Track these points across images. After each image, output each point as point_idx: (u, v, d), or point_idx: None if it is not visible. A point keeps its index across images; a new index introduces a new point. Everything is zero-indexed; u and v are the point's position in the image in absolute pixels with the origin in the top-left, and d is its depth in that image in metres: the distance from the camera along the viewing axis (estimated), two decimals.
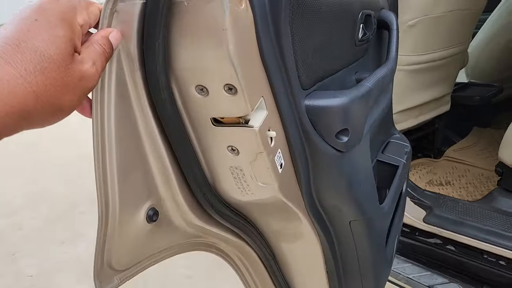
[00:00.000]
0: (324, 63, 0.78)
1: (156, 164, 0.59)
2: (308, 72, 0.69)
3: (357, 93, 0.74)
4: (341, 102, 0.68)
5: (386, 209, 1.02)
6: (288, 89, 0.62)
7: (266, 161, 0.60)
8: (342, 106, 0.68)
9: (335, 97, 0.69)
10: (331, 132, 0.69)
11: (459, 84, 2.42)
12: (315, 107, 0.67)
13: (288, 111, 0.63)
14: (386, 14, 1.21)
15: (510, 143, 1.49)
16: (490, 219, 1.48)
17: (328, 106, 0.67)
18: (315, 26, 0.69)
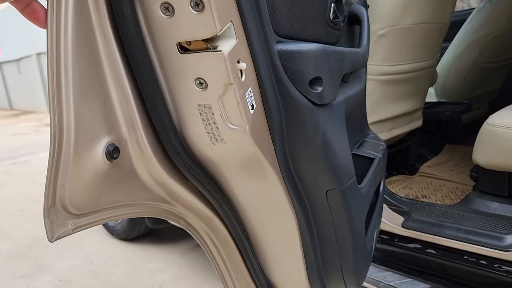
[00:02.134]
0: (298, 21, 0.76)
1: (117, 96, 0.54)
2: (282, 21, 0.67)
3: (331, 47, 0.73)
4: (314, 47, 0.66)
5: (364, 190, 0.99)
6: (259, 24, 0.60)
7: (236, 96, 0.57)
8: (314, 52, 0.66)
9: (308, 43, 0.67)
10: (304, 80, 0.67)
11: (430, 102, 2.47)
12: (287, 51, 0.65)
13: (259, 49, 0.61)
14: (356, 8, 1.23)
15: (483, 144, 1.50)
16: (468, 220, 1.46)
17: (300, 51, 0.65)
18: None
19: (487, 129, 1.47)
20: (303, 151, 0.74)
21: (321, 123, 0.72)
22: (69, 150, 0.50)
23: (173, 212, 0.73)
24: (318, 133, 0.73)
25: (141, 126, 0.57)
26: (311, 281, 0.94)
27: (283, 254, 0.89)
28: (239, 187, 0.75)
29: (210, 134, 0.61)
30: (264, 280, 0.92)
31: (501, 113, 1.50)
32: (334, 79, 0.76)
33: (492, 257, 1.34)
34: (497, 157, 1.45)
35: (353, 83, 1.08)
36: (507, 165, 1.42)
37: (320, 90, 0.68)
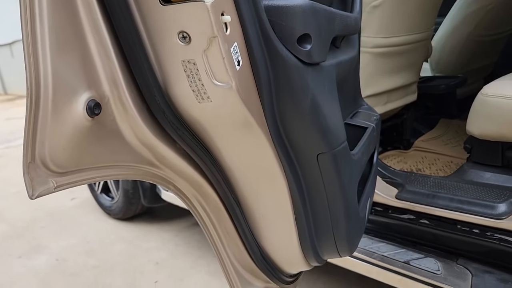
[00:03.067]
0: None
1: (97, 50, 0.53)
2: None
3: (321, 5, 0.71)
4: (302, 3, 0.64)
5: (356, 157, 0.98)
6: None
7: (220, 50, 0.55)
8: (302, 7, 0.64)
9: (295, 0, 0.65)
10: (292, 37, 0.65)
11: (425, 77, 2.45)
12: (274, 6, 0.63)
13: (245, 2, 0.59)
14: None
15: (477, 114, 1.49)
16: (462, 190, 1.46)
17: (288, 6, 0.63)
18: None
19: (481, 99, 1.46)
20: (292, 112, 0.72)
21: (310, 83, 0.71)
22: (47, 105, 0.48)
23: (161, 176, 0.72)
24: (308, 94, 0.71)
25: (124, 84, 0.55)
26: (303, 248, 0.94)
27: (274, 220, 0.88)
28: (227, 150, 0.74)
29: (196, 92, 0.60)
30: (256, 246, 0.92)
31: (495, 83, 1.49)
32: (324, 38, 0.74)
33: (484, 226, 1.34)
34: (491, 127, 1.44)
35: (345, 49, 1.06)
36: (501, 134, 1.42)
37: (308, 48, 0.67)
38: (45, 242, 2.72)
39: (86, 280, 2.26)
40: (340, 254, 0.99)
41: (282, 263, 0.97)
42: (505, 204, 1.33)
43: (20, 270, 2.42)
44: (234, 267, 0.93)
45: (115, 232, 2.77)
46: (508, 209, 1.31)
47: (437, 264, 1.39)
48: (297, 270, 1.03)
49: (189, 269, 2.28)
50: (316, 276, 2.10)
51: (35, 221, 3.06)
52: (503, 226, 1.30)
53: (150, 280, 2.24)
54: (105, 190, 2.95)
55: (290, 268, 1.00)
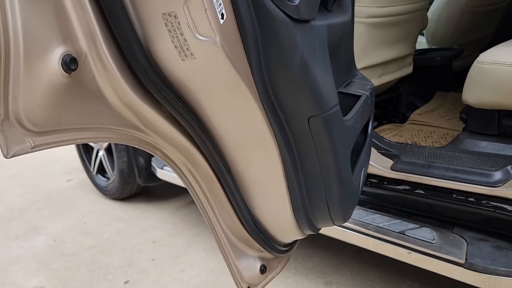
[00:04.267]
0: None
1: (72, 1, 0.50)
2: None
3: None
4: None
5: (350, 123, 0.96)
6: None
7: (202, 0, 0.52)
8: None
9: None
10: None
11: (421, 49, 2.42)
12: None
13: None
14: None
15: (473, 82, 1.47)
16: (457, 159, 1.45)
17: None
18: None
19: (477, 67, 1.44)
20: (281, 72, 0.70)
21: (299, 41, 0.68)
22: (18, 59, 0.46)
23: (147, 141, 0.70)
24: (297, 52, 0.69)
25: (102, 38, 0.53)
26: (296, 215, 0.93)
27: (266, 188, 0.87)
28: (215, 114, 0.72)
29: (179, 48, 0.57)
30: (249, 215, 0.91)
31: (491, 50, 1.47)
32: None
33: (480, 194, 1.33)
34: (487, 94, 1.42)
35: (337, 13, 1.03)
36: (497, 102, 1.40)
37: (297, 2, 0.64)
38: (42, 223, 2.72)
39: (83, 260, 2.26)
40: (334, 222, 0.98)
41: (275, 232, 0.96)
42: (500, 172, 1.32)
43: (18, 251, 2.42)
44: (227, 237, 0.92)
45: (112, 212, 2.76)
46: (504, 177, 1.30)
47: (432, 233, 1.39)
48: (290, 238, 1.02)
49: (186, 247, 2.29)
50: (312, 251, 2.10)
51: (32, 203, 3.05)
52: (498, 194, 1.30)
53: (148, 258, 2.25)
54: (101, 170, 2.94)
55: (283, 236, 0.98)
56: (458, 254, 1.28)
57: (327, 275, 1.94)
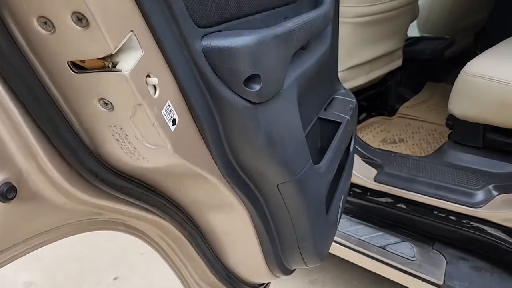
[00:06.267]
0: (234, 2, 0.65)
1: (2, 123, 0.45)
2: (207, 6, 0.56)
3: (270, 32, 0.62)
4: (247, 41, 0.56)
5: (324, 169, 0.93)
6: (172, 24, 0.50)
7: (149, 116, 0.48)
8: (248, 47, 0.56)
9: (240, 35, 0.57)
10: (238, 79, 0.58)
11: (411, 38, 2.35)
12: (215, 48, 0.55)
13: (176, 52, 0.51)
14: None
15: (459, 94, 1.43)
16: (440, 173, 1.43)
17: (230, 47, 0.55)
18: None
19: (463, 78, 1.39)
20: (246, 150, 0.67)
21: (263, 121, 0.64)
22: None
23: (109, 221, 0.68)
24: (261, 132, 0.65)
25: (42, 152, 0.49)
26: (269, 264, 0.92)
27: (238, 244, 0.86)
28: (180, 194, 0.69)
29: (129, 154, 0.54)
30: (221, 267, 0.90)
31: (478, 60, 1.42)
32: (278, 70, 0.67)
33: (461, 213, 1.33)
34: (472, 108, 1.39)
35: (314, 46, 0.97)
36: (482, 117, 1.37)
37: (258, 88, 0.60)
38: None
39: (73, 255, 2.28)
40: (307, 265, 0.97)
41: (248, 277, 0.96)
42: (482, 192, 1.31)
43: None
44: (199, 286, 0.91)
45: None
46: (485, 198, 1.29)
47: (413, 249, 1.40)
48: (264, 281, 1.02)
49: None
50: None
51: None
52: (479, 215, 1.29)
53: (137, 253, 2.27)
54: None
55: (257, 280, 0.98)
56: (437, 274, 1.29)
57: (313, 273, 1.97)
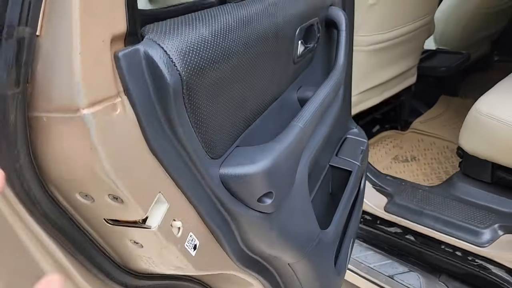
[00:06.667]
0: (242, 117, 0.70)
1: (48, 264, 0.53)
2: (221, 137, 0.62)
3: (282, 146, 0.68)
4: (261, 167, 0.62)
5: (332, 233, 0.99)
6: (192, 169, 0.56)
7: (174, 252, 0.55)
8: (262, 172, 0.62)
9: (253, 162, 0.62)
10: (253, 198, 0.64)
11: (427, 52, 2.35)
12: (232, 176, 0.61)
13: (197, 191, 0.57)
14: (334, 13, 1.12)
15: (469, 130, 1.46)
16: (448, 208, 1.48)
17: (245, 175, 0.61)
18: (224, 87, 0.61)
19: (474, 116, 1.42)
20: (259, 246, 0.73)
21: (275, 224, 0.71)
22: None
23: None
24: (273, 231, 0.72)
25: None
26: None
27: None
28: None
29: (156, 268, 0.61)
30: None
31: (490, 97, 1.44)
32: (289, 180, 0.72)
33: (467, 250, 1.38)
34: (481, 146, 1.42)
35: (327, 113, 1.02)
36: (491, 156, 1.40)
37: (270, 202, 0.66)
38: None
39: None
40: None
41: None
42: (488, 231, 1.36)
43: None
44: None
45: None
46: (491, 237, 1.34)
47: (419, 280, 1.46)
48: None
49: None
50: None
51: None
52: (484, 254, 1.34)
53: None
54: None
55: None
56: None
57: None
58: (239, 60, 0.64)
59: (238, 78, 0.66)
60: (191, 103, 0.53)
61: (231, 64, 0.62)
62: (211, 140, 0.59)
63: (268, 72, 0.78)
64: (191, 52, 0.52)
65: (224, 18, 0.62)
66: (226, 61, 0.60)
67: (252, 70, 0.70)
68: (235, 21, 0.63)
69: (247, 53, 0.66)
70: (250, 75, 0.70)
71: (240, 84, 0.67)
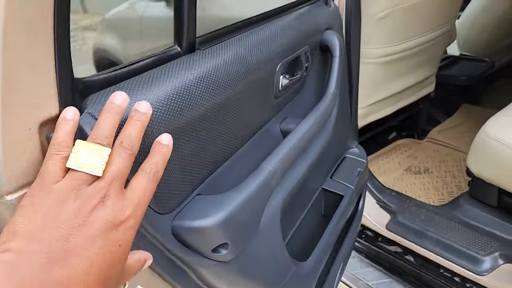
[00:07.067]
0: (207, 162, 0.71)
1: None
2: (176, 189, 0.63)
3: (242, 195, 0.68)
4: (214, 221, 0.63)
5: (312, 263, 1.00)
6: None
7: None
8: (215, 226, 0.63)
9: (207, 215, 0.63)
10: (207, 249, 0.65)
11: (449, 58, 2.26)
12: (184, 229, 0.63)
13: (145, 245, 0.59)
14: (328, 38, 1.10)
15: (477, 153, 1.41)
16: (450, 231, 1.44)
17: (197, 228, 0.63)
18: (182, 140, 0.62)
19: (482, 139, 1.37)
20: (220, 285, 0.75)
21: (234, 268, 0.72)
22: None
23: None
24: (234, 274, 0.73)
25: None
26: None
27: None
28: None
29: None
30: None
31: (500, 119, 1.38)
32: (248, 231, 0.73)
33: (466, 278, 1.35)
34: (489, 170, 1.37)
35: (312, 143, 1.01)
36: (497, 181, 1.35)
37: (225, 252, 0.67)
38: None
39: None
40: None
41: None
42: (488, 259, 1.32)
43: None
44: None
45: None
46: (491, 266, 1.31)
47: None
48: None
49: None
50: None
51: None
52: (482, 283, 1.31)
53: None
54: None
55: None
56: None
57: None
58: (202, 111, 0.65)
59: (202, 127, 0.67)
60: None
61: (190, 116, 0.62)
62: (163, 195, 0.61)
63: (241, 113, 0.78)
64: None
65: (188, 74, 0.63)
66: (183, 115, 0.60)
67: (220, 116, 0.71)
68: (198, 76, 0.64)
69: (214, 100, 0.67)
70: (218, 122, 0.71)
71: (205, 132, 0.68)
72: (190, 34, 0.68)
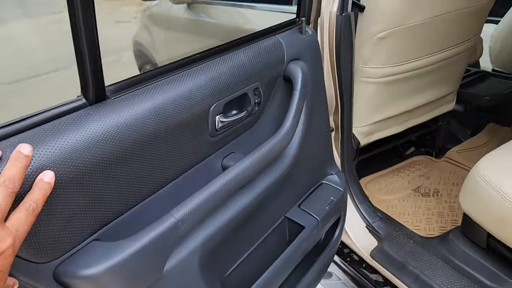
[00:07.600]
0: (122, 204, 0.74)
1: None
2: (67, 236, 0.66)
3: (137, 245, 0.70)
4: (101, 269, 0.66)
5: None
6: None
7: None
8: (100, 274, 0.66)
9: (94, 263, 0.66)
10: None
11: (477, 73, 2.10)
12: (70, 275, 0.66)
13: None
14: (291, 69, 1.08)
15: (467, 190, 1.32)
16: (432, 268, 1.37)
17: (84, 276, 0.65)
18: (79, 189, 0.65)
19: (473, 176, 1.28)
20: None
21: None
22: None
23: None
24: None
25: None
26: None
27: None
28: None
29: None
30: None
31: (493, 159, 1.29)
32: (147, 280, 0.75)
33: None
34: (476, 210, 1.29)
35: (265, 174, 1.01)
36: (484, 224, 1.27)
37: None
38: None
39: None
40: None
41: None
42: None
43: None
44: None
45: None
46: None
47: None
48: None
49: None
50: None
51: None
52: None
53: None
54: None
55: None
56: None
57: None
58: (112, 156, 0.68)
59: (112, 171, 0.69)
60: None
61: (98, 160, 0.66)
62: (46, 245, 0.64)
63: (163, 155, 0.80)
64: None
65: (93, 124, 0.66)
66: (90, 160, 0.64)
67: (136, 159, 0.73)
68: (105, 126, 0.66)
69: (123, 146, 0.69)
70: (132, 166, 0.72)
71: (116, 176, 0.70)
72: (98, 83, 0.69)
